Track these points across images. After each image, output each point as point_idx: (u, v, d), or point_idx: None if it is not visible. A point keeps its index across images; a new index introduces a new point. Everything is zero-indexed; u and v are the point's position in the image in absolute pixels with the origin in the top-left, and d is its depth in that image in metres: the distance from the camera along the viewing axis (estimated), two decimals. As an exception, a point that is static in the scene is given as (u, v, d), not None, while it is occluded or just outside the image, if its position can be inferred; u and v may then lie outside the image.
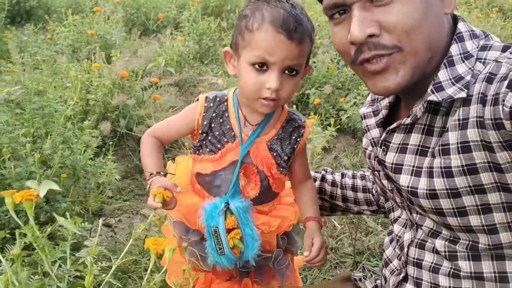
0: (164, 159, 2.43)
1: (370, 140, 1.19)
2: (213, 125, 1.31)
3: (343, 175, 1.53)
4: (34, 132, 2.08)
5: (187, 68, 4.46)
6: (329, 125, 3.14)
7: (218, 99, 1.33)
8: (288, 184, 1.47)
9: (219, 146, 1.29)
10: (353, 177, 1.51)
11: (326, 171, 1.56)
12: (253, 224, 1.29)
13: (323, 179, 1.54)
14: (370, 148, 1.21)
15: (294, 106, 3.28)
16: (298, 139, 1.34)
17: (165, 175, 1.29)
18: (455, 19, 1.05)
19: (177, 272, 1.40)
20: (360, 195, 1.49)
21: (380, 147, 1.13)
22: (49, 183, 0.98)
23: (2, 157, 1.84)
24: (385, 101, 1.18)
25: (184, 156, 1.55)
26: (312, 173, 1.57)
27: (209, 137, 1.31)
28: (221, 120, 1.31)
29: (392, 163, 1.09)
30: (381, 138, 1.12)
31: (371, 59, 0.97)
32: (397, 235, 1.21)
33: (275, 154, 1.31)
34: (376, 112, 1.20)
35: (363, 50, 0.96)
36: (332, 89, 3.78)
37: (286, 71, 1.18)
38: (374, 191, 1.46)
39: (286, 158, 1.33)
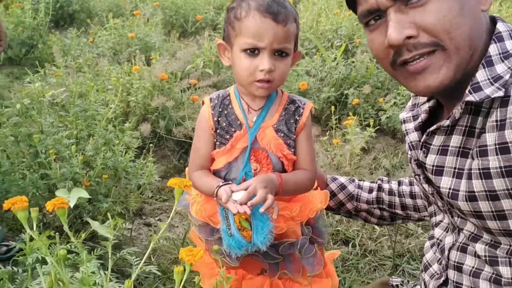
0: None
1: (408, 143, 1.18)
2: (220, 119, 1.35)
3: (399, 183, 1.52)
4: (77, 134, 2.14)
5: (224, 69, 4.50)
6: (368, 125, 3.10)
7: (221, 95, 1.38)
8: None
9: (227, 137, 1.32)
10: (410, 184, 1.49)
11: (382, 180, 1.56)
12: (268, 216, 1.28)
13: (379, 189, 1.53)
14: (409, 152, 1.19)
15: (333, 107, 3.24)
16: (298, 119, 1.35)
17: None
18: (494, 20, 1.03)
19: (209, 274, 1.43)
20: (419, 201, 1.46)
21: (421, 149, 1.11)
22: (79, 191, 1.00)
23: (48, 158, 1.90)
24: (425, 106, 1.16)
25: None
26: (368, 183, 1.58)
27: (218, 131, 1.34)
28: (226, 112, 1.36)
29: (433, 165, 1.07)
30: (422, 140, 1.10)
31: (411, 61, 0.96)
32: (438, 239, 1.19)
33: (282, 135, 1.33)
34: (416, 116, 1.18)
35: (402, 52, 0.96)
36: (371, 89, 3.73)
37: (276, 53, 1.24)
38: None
39: (294, 137, 1.35)
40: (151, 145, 2.33)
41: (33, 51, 4.90)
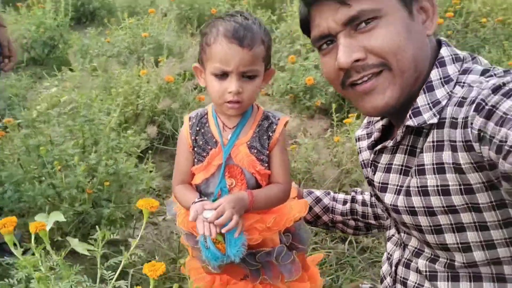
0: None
1: (361, 162, 1.26)
2: (197, 137, 1.44)
3: (371, 194, 1.57)
4: (83, 142, 2.29)
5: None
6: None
7: (199, 114, 1.48)
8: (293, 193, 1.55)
9: (204, 154, 1.41)
10: None
11: (356, 192, 1.63)
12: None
13: (353, 200, 1.60)
14: (363, 169, 1.27)
15: (334, 104, 3.29)
16: (271, 134, 1.42)
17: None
18: (439, 44, 1.09)
19: (198, 278, 1.55)
20: None
21: (370, 167, 1.19)
22: (56, 215, 1.13)
23: (54, 168, 2.05)
24: (379, 124, 1.23)
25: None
26: (342, 196, 1.65)
27: (196, 149, 1.43)
28: (203, 130, 1.44)
29: (379, 182, 1.16)
30: (370, 159, 1.18)
31: (360, 82, 1.04)
32: (389, 253, 1.27)
33: (255, 151, 1.41)
34: (370, 134, 1.26)
35: (351, 74, 1.04)
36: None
37: (244, 76, 1.31)
38: None
39: (267, 152, 1.42)
40: (150, 152, 2.45)
41: (54, 51, 5.10)
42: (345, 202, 1.61)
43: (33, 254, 1.24)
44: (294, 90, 3.94)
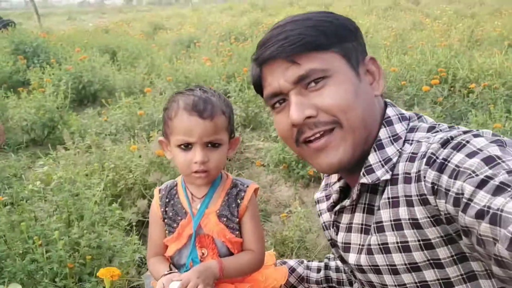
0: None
1: (322, 224, 1.25)
2: (167, 208, 1.44)
3: (335, 257, 1.53)
4: (68, 216, 2.29)
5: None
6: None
7: (168, 186, 1.49)
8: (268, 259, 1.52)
9: (175, 225, 1.41)
10: None
11: (329, 259, 1.59)
12: None
13: (326, 267, 1.56)
14: (324, 232, 1.26)
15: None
16: (239, 202, 1.42)
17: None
18: (385, 105, 1.13)
19: None
20: None
21: (332, 228, 1.18)
22: (15, 286, 1.12)
23: (35, 244, 2.04)
24: (336, 186, 1.24)
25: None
26: (316, 263, 1.61)
27: (166, 220, 1.43)
28: (172, 202, 1.45)
29: (342, 242, 1.14)
30: (331, 220, 1.17)
31: (313, 139, 1.06)
32: None
33: (225, 219, 1.40)
34: (329, 196, 1.26)
35: (304, 130, 1.06)
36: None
37: (209, 145, 1.34)
38: None
39: (237, 220, 1.41)
40: (135, 224, 2.44)
41: (54, 131, 5.22)
42: (319, 270, 1.57)
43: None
44: (287, 160, 3.98)
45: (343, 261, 1.21)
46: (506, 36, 9.29)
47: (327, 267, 1.55)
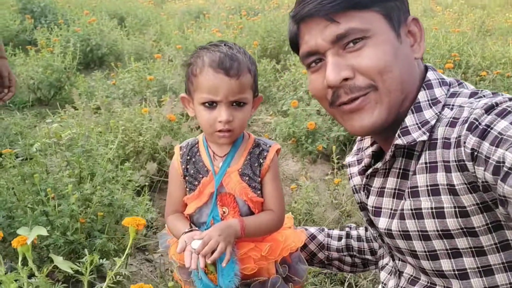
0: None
1: (352, 187, 1.23)
2: (188, 166, 1.42)
3: (366, 229, 1.52)
4: (80, 173, 2.27)
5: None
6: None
7: (190, 143, 1.46)
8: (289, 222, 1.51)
9: (196, 183, 1.39)
10: None
11: (350, 228, 1.57)
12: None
13: (348, 236, 1.53)
14: (354, 195, 1.24)
15: (334, 147, 3.28)
16: (262, 161, 1.40)
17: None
18: (425, 69, 1.10)
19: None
20: None
21: (363, 191, 1.16)
22: (38, 229, 1.09)
23: (47, 196, 2.02)
24: (369, 150, 1.22)
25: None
26: (337, 232, 1.59)
27: (187, 177, 1.41)
28: (194, 160, 1.42)
29: (373, 206, 1.12)
30: (363, 183, 1.15)
31: (348, 102, 1.03)
32: (383, 283, 1.22)
33: (247, 178, 1.39)
34: (360, 160, 1.24)
35: (340, 94, 1.03)
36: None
37: (234, 104, 1.30)
38: None
39: (259, 180, 1.40)
40: (148, 185, 2.42)
41: (60, 92, 5.17)
42: (340, 238, 1.54)
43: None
44: (296, 135, 3.95)
45: (372, 224, 1.19)
46: (517, 27, 9.19)
47: (348, 235, 1.53)
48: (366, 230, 1.52)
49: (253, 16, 8.52)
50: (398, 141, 1.01)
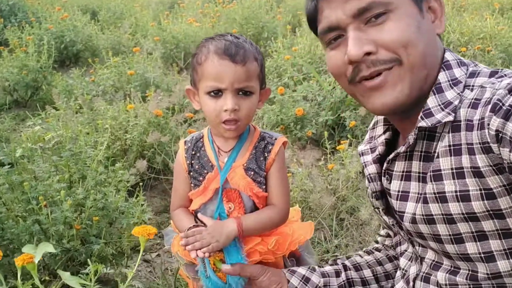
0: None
1: (367, 176, 1.20)
2: (193, 161, 1.39)
3: (360, 255, 1.42)
4: (70, 177, 2.19)
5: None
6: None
7: (195, 138, 1.43)
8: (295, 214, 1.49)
9: (201, 178, 1.36)
10: (369, 253, 1.41)
11: (343, 260, 1.42)
12: (237, 248, 1.31)
13: (346, 268, 1.36)
14: (368, 184, 1.20)
15: (326, 132, 3.25)
16: (267, 155, 1.37)
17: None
18: (443, 50, 1.06)
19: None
20: (388, 266, 1.37)
21: (384, 176, 1.13)
22: (45, 246, 1.04)
23: (39, 204, 1.94)
24: (382, 138, 1.18)
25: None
26: (331, 268, 1.39)
27: (192, 173, 1.38)
28: (198, 155, 1.40)
29: (398, 191, 1.09)
30: (384, 168, 1.13)
31: (370, 78, 0.99)
32: (403, 269, 1.19)
33: (252, 173, 1.35)
34: (374, 149, 1.21)
35: (361, 68, 0.99)
36: (367, 110, 3.73)
37: (240, 93, 1.27)
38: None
39: (264, 174, 1.37)
40: (140, 183, 2.35)
41: (38, 92, 5.02)
42: (338, 274, 1.35)
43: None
44: (284, 121, 3.91)
45: (388, 212, 1.16)
46: (490, 2, 9.25)
47: (346, 268, 1.37)
48: (369, 253, 1.41)
49: (228, 4, 8.40)
50: (422, 123, 0.98)
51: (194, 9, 8.46)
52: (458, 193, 0.94)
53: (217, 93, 1.27)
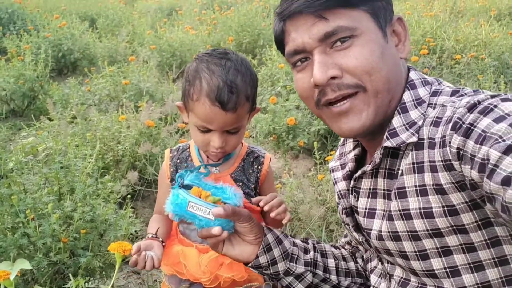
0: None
1: (337, 192, 1.22)
2: (179, 170, 1.44)
3: (329, 246, 1.41)
4: (59, 190, 2.21)
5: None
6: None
7: (180, 147, 1.49)
8: None
9: None
10: (336, 248, 1.43)
11: (312, 240, 1.40)
12: (215, 183, 1.29)
13: (314, 249, 1.34)
14: (338, 201, 1.23)
15: (315, 143, 3.28)
16: (259, 167, 1.44)
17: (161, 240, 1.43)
18: (408, 69, 1.09)
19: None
20: (351, 265, 1.37)
21: (351, 194, 1.15)
22: (22, 262, 1.06)
23: (27, 217, 1.97)
24: (351, 155, 1.21)
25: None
26: (301, 243, 1.36)
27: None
28: (185, 164, 1.45)
29: (365, 208, 1.11)
30: (351, 186, 1.15)
31: (335, 101, 1.02)
32: (374, 286, 1.22)
33: (240, 184, 1.41)
34: (344, 165, 1.23)
35: (326, 92, 1.01)
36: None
37: (229, 132, 1.32)
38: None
39: (252, 186, 1.43)
40: (131, 195, 2.38)
41: (35, 102, 5.06)
42: (306, 251, 1.33)
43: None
44: (276, 131, 3.93)
45: (357, 230, 1.18)
46: (488, 8, 9.29)
47: (315, 249, 1.34)
48: (346, 236, 1.48)
49: (226, 10, 8.44)
50: (387, 143, 1.01)
51: (192, 16, 8.51)
52: (422, 210, 0.97)
53: (206, 131, 1.32)
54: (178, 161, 1.47)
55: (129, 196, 2.41)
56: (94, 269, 2.08)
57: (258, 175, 1.45)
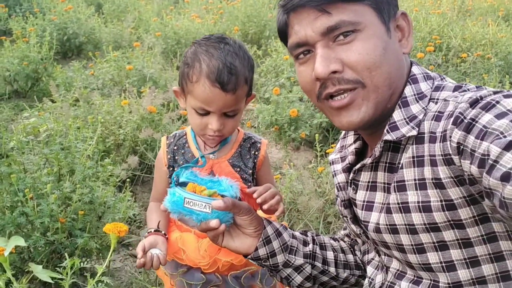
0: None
1: (336, 184, 1.22)
2: (176, 157, 1.45)
3: (328, 238, 1.40)
4: (58, 171, 2.22)
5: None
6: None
7: (177, 134, 1.50)
8: None
9: None
10: (335, 240, 1.42)
11: (311, 232, 1.39)
12: (211, 177, 1.28)
13: (313, 241, 1.34)
14: (337, 193, 1.23)
15: (317, 135, 3.27)
16: (257, 153, 1.45)
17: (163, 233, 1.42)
18: (410, 64, 1.09)
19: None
20: (350, 257, 1.36)
21: (350, 186, 1.15)
22: (16, 239, 1.06)
23: (25, 196, 1.98)
24: (352, 147, 1.21)
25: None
26: (300, 236, 1.35)
27: (175, 168, 1.42)
28: (182, 151, 1.45)
29: (364, 201, 1.11)
30: (350, 178, 1.15)
31: (335, 95, 1.01)
32: (370, 278, 1.22)
33: (238, 169, 1.42)
34: (344, 158, 1.23)
35: (327, 85, 1.01)
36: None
37: (227, 114, 1.32)
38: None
39: (250, 171, 1.44)
40: (131, 179, 2.38)
41: (38, 84, 5.06)
42: (305, 243, 1.32)
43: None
44: (279, 122, 3.93)
45: (355, 222, 1.18)
46: (496, 8, 9.24)
47: (314, 241, 1.34)
48: (345, 229, 1.47)
49: (233, 0, 8.40)
50: (387, 136, 1.01)
51: (198, 5, 8.47)
52: (420, 204, 0.97)
53: (204, 113, 1.31)
54: (175, 147, 1.47)
55: (128, 180, 2.42)
56: (91, 250, 2.09)
57: (255, 160, 1.47)
